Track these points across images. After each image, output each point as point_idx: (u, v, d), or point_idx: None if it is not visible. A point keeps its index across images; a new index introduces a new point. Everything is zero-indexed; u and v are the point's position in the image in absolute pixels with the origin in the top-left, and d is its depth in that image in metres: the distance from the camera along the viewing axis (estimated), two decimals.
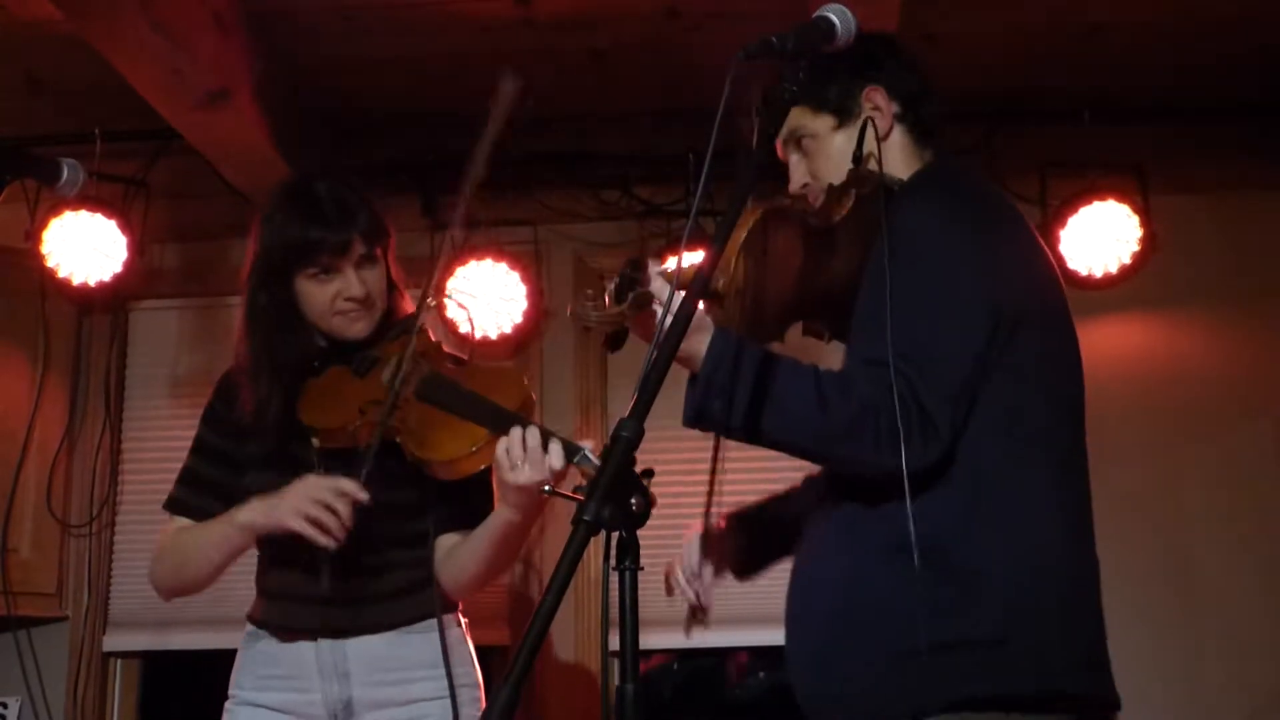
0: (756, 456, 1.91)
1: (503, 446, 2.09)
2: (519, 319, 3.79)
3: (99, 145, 3.71)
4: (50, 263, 3.70)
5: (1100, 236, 3.69)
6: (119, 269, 3.73)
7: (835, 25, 1.76)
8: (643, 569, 1.53)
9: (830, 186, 2.00)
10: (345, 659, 2.29)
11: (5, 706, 3.74)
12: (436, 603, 2.29)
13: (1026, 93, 3.74)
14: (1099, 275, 3.70)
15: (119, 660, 3.96)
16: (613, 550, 1.51)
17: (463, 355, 2.40)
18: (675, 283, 1.68)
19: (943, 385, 1.77)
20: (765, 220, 1.83)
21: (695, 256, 1.86)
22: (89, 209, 3.68)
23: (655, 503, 1.95)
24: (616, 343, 1.79)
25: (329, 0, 3.25)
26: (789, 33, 1.72)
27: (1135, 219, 3.68)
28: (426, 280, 2.45)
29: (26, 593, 3.77)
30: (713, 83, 1.64)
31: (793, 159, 2.11)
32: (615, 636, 1.51)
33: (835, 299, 1.93)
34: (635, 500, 1.51)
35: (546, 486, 2.03)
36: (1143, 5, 3.33)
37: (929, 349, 1.77)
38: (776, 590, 2.03)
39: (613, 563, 1.51)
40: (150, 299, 4.07)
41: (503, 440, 2.10)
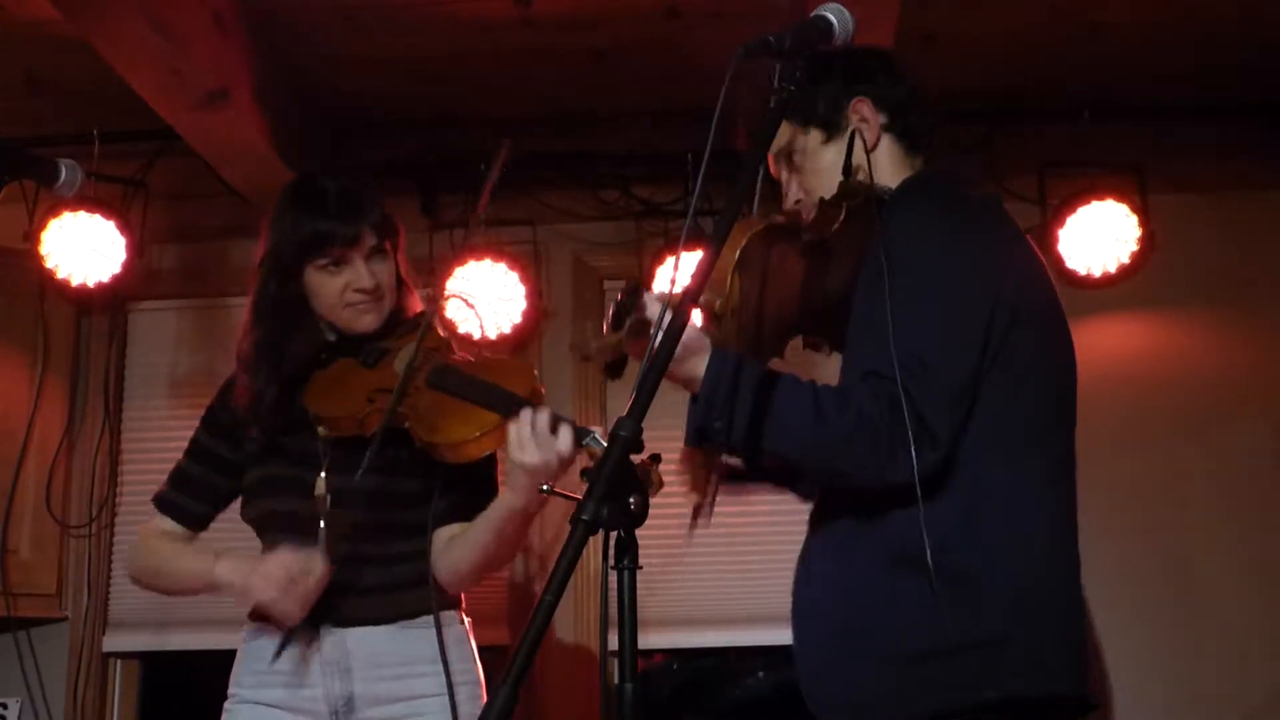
0: None
1: (512, 428, 2.11)
2: (518, 319, 3.79)
3: (98, 146, 3.71)
4: (49, 263, 3.70)
5: (1099, 236, 3.69)
6: (118, 270, 3.72)
7: (833, 24, 1.77)
8: (641, 568, 1.53)
9: (822, 200, 2.00)
10: (347, 654, 2.29)
11: (5, 707, 3.74)
12: (433, 597, 2.30)
13: (1026, 93, 3.74)
14: (1098, 275, 3.70)
15: (119, 660, 3.95)
16: (611, 549, 1.51)
17: (469, 356, 2.41)
18: (667, 302, 1.67)
19: (941, 392, 1.77)
20: (759, 238, 1.83)
21: (695, 257, 1.86)
22: (88, 209, 3.68)
23: (663, 485, 1.96)
24: (615, 371, 1.79)
25: (329, 0, 3.24)
26: (787, 31, 1.73)
27: (1134, 218, 3.68)
28: (434, 278, 2.46)
29: (26, 593, 3.76)
30: (712, 82, 1.65)
31: (785, 176, 2.12)
32: (614, 635, 1.52)
33: (833, 312, 1.94)
34: (634, 499, 1.51)
35: (546, 485, 2.04)
36: (1143, 5, 3.33)
37: (926, 356, 1.77)
38: (776, 590, 2.03)
39: (611, 562, 1.51)
40: (149, 299, 4.07)
41: (512, 422, 2.12)
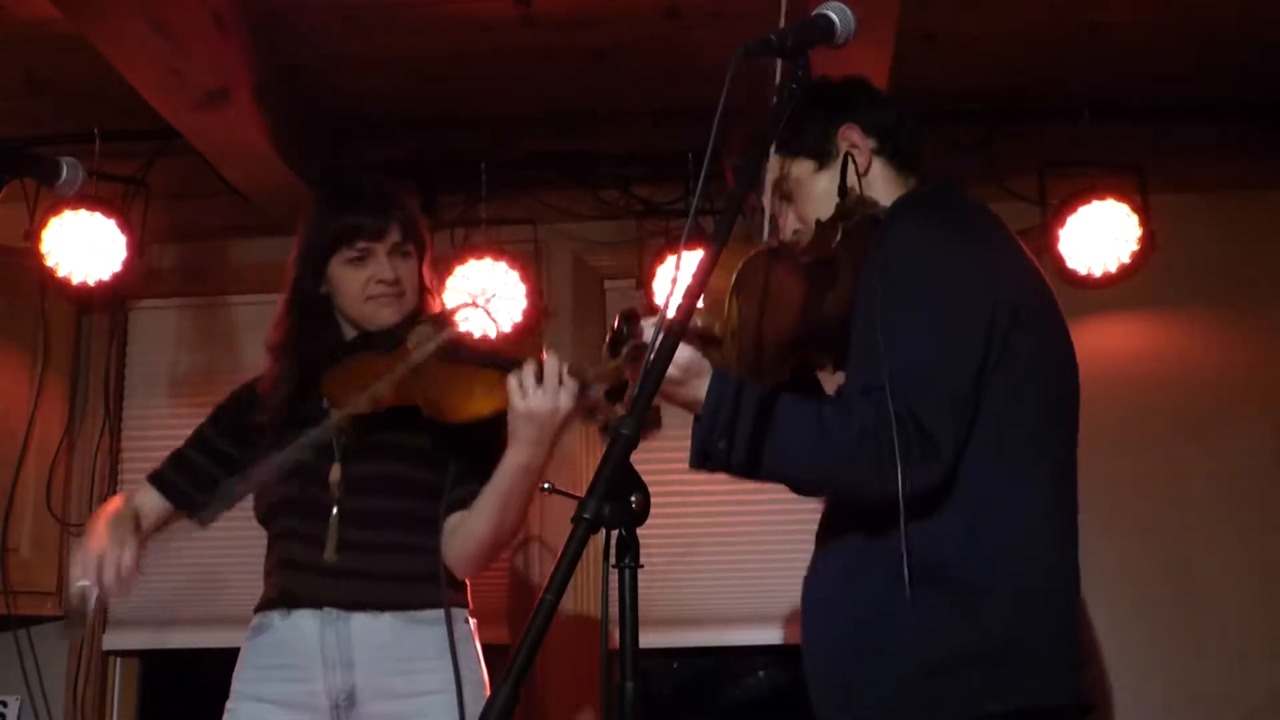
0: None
1: (513, 376, 2.11)
2: (518, 318, 3.79)
3: (98, 145, 3.71)
4: (50, 262, 3.69)
5: (1099, 236, 3.68)
6: (118, 268, 3.72)
7: (835, 22, 1.77)
8: (643, 567, 1.53)
9: (818, 222, 2.01)
10: (350, 645, 2.28)
11: (5, 706, 3.74)
12: (443, 590, 2.30)
13: (1026, 92, 3.73)
14: (1098, 275, 3.70)
15: (118, 659, 3.95)
16: (613, 548, 1.51)
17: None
18: (659, 323, 1.63)
19: (942, 403, 1.77)
20: (755, 261, 1.83)
21: (695, 257, 1.85)
22: (88, 208, 3.67)
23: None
24: (616, 397, 1.78)
25: (329, 0, 3.24)
26: (788, 30, 1.73)
27: (1134, 218, 3.68)
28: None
29: (26, 592, 3.76)
30: (712, 82, 1.64)
31: (781, 209, 2.12)
32: (615, 634, 1.52)
33: (834, 330, 1.94)
34: (635, 498, 1.51)
35: (546, 485, 2.04)
36: (1143, 5, 3.32)
37: (926, 368, 1.77)
38: (776, 590, 2.03)
39: (612, 560, 1.51)
40: (150, 298, 4.07)
41: (514, 373, 2.12)
